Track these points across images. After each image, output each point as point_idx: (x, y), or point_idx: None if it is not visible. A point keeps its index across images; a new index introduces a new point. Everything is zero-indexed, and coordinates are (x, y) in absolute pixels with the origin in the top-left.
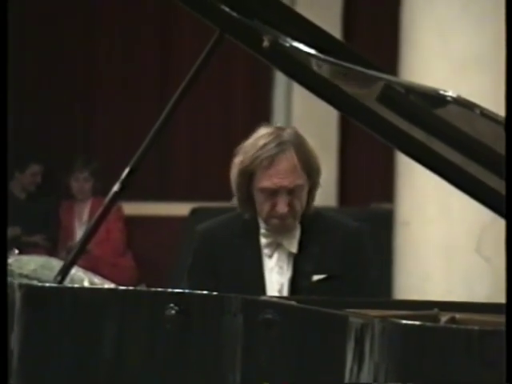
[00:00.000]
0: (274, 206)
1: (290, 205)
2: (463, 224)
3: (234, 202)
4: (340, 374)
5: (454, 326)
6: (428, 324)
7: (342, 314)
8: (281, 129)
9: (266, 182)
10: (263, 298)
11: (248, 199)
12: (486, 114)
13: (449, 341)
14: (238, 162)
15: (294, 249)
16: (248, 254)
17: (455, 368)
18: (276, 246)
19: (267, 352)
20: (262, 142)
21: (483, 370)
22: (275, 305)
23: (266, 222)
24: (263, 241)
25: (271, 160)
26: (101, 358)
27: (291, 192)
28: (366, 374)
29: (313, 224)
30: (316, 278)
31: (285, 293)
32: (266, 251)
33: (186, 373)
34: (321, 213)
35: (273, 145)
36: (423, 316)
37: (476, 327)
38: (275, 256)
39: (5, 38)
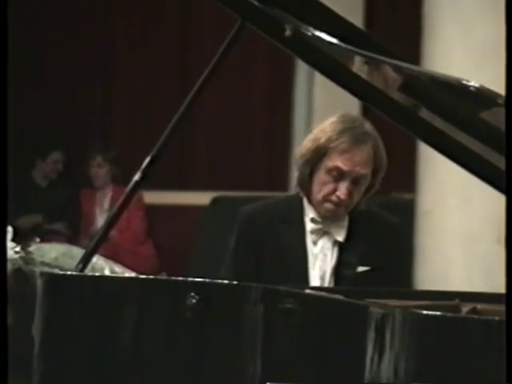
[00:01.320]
0: (334, 190)
1: (350, 194)
2: (484, 213)
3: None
4: (360, 363)
5: (475, 316)
6: (449, 314)
7: (362, 304)
8: (361, 120)
9: (339, 162)
10: (283, 287)
11: (308, 178)
12: None
13: (469, 331)
14: (312, 138)
15: (342, 238)
16: (291, 239)
17: (475, 358)
18: (322, 233)
19: (287, 341)
20: (343, 126)
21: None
22: (295, 294)
23: (319, 204)
24: (311, 226)
25: (351, 145)
26: (121, 346)
27: (356, 182)
28: (387, 364)
29: (360, 217)
30: (361, 269)
31: (327, 280)
32: (312, 237)
33: (206, 361)
34: (367, 208)
35: (356, 132)
36: (444, 306)
37: (497, 318)
38: (320, 243)
39: (5, 36)
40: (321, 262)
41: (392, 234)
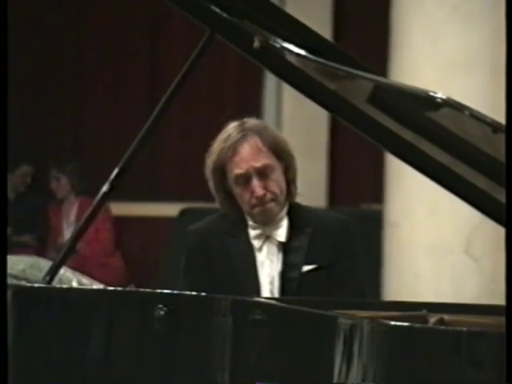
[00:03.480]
0: (252, 193)
1: (266, 187)
2: (452, 225)
3: (217, 205)
4: (328, 374)
5: (443, 327)
6: (416, 325)
7: (330, 315)
8: (244, 121)
9: (235, 170)
10: (252, 298)
11: (229, 198)
12: (475, 116)
13: (437, 342)
14: (208, 162)
15: (283, 237)
16: (240, 250)
17: (443, 369)
18: (265, 238)
19: (256, 352)
20: (225, 135)
21: (471, 371)
22: (264, 305)
23: (251, 213)
24: (252, 233)
25: (235, 148)
26: (89, 358)
27: (263, 174)
28: (355, 375)
29: (301, 217)
30: (306, 268)
31: (276, 285)
32: (254, 243)
33: (175, 373)
34: (309, 208)
35: (235, 133)
36: (412, 317)
37: (464, 328)
38: (265, 249)
39: (5, 39)
40: (268, 268)
41: (338, 230)
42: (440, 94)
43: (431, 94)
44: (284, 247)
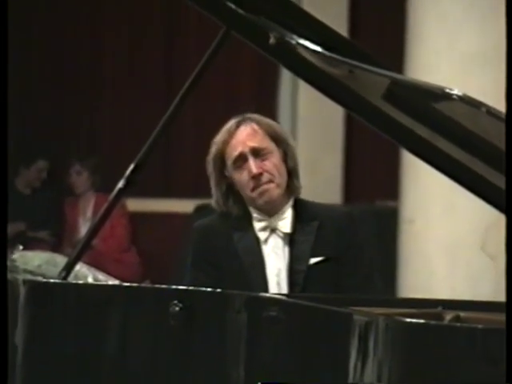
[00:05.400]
0: (249, 174)
1: (263, 167)
2: (468, 222)
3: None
4: (344, 371)
5: (458, 324)
6: (432, 322)
7: (346, 312)
8: (244, 114)
9: (232, 153)
10: (267, 295)
11: (229, 192)
12: (491, 113)
13: (452, 339)
14: (209, 156)
15: (288, 228)
16: (246, 243)
17: (459, 366)
18: (270, 231)
19: (271, 349)
20: (224, 127)
21: (486, 369)
22: (279, 302)
23: (253, 198)
24: (257, 225)
25: (233, 132)
26: (104, 354)
27: (259, 154)
28: (370, 372)
29: (307, 210)
30: (313, 260)
31: (282, 277)
32: (260, 235)
33: (190, 369)
34: (314, 203)
35: (233, 121)
36: (427, 314)
37: (480, 325)
38: (270, 242)
39: (5, 38)
40: (274, 260)
41: (342, 222)
42: (456, 91)
43: (447, 90)
44: (290, 240)
